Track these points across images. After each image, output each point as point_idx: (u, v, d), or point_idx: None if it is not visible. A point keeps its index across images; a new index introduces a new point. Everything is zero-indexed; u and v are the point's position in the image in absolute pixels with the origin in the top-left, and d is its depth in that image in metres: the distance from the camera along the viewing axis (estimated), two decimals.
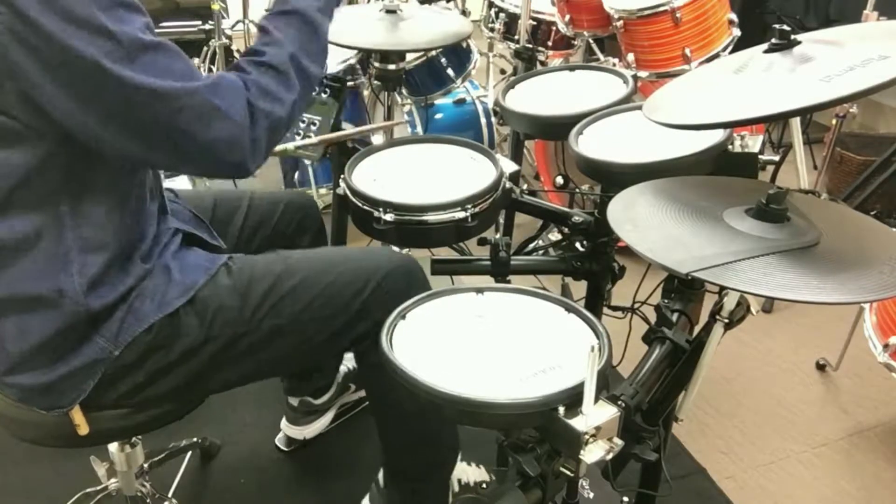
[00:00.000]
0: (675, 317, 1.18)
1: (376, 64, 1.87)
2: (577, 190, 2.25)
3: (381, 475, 1.48)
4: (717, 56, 2.30)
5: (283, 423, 1.83)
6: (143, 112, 0.94)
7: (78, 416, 1.12)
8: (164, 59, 0.96)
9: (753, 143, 1.36)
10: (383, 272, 1.25)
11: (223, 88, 1.00)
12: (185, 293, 1.14)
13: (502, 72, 3.77)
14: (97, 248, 1.06)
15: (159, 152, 1.00)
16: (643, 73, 2.38)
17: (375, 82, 1.95)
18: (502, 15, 2.83)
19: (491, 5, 2.89)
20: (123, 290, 1.09)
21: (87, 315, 1.06)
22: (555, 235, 2.13)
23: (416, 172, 1.50)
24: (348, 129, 1.71)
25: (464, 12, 3.44)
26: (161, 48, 0.96)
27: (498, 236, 1.56)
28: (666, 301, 1.21)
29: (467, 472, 1.57)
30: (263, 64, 1.07)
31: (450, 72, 2.61)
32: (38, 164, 0.97)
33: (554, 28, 2.73)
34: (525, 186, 2.57)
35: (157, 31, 0.97)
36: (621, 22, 2.32)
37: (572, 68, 1.87)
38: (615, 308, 1.61)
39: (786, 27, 1.04)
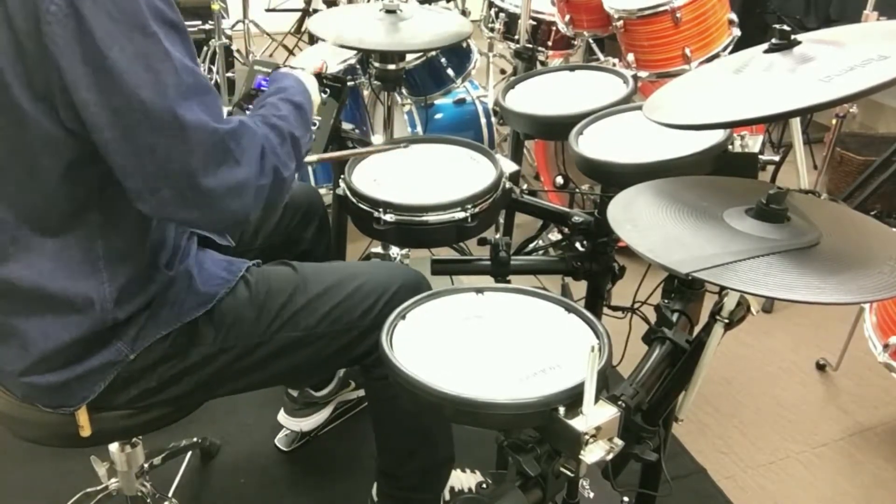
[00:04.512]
0: (675, 317, 1.18)
1: (376, 64, 1.87)
2: (577, 190, 2.25)
3: (374, 490, 1.49)
4: (717, 56, 2.30)
5: (281, 414, 1.82)
6: (161, 139, 0.91)
7: (83, 416, 1.12)
8: (200, 90, 0.94)
9: (753, 143, 1.36)
10: (395, 287, 1.26)
11: (242, 136, 0.99)
12: (205, 304, 1.15)
13: (502, 72, 3.77)
14: (127, 259, 1.06)
15: (162, 188, 0.95)
16: (643, 73, 2.38)
17: (375, 82, 1.95)
18: (502, 15, 2.83)
19: (491, 5, 2.90)
20: (148, 297, 1.10)
21: (112, 323, 1.07)
22: (555, 235, 2.12)
23: (415, 172, 1.50)
24: (348, 129, 1.71)
25: (464, 12, 3.44)
26: (200, 78, 0.95)
27: (498, 236, 1.56)
28: (666, 301, 1.21)
29: (461, 479, 1.57)
30: (276, 128, 1.08)
31: (450, 72, 2.60)
32: (72, 173, 0.96)
33: (554, 28, 2.73)
34: (525, 186, 2.57)
35: None
36: (621, 22, 2.32)
37: (572, 68, 1.87)
38: (615, 308, 1.61)
39: (786, 27, 1.04)
